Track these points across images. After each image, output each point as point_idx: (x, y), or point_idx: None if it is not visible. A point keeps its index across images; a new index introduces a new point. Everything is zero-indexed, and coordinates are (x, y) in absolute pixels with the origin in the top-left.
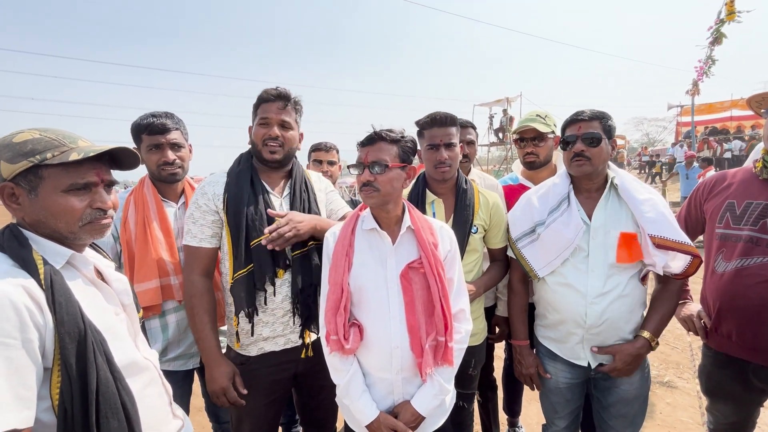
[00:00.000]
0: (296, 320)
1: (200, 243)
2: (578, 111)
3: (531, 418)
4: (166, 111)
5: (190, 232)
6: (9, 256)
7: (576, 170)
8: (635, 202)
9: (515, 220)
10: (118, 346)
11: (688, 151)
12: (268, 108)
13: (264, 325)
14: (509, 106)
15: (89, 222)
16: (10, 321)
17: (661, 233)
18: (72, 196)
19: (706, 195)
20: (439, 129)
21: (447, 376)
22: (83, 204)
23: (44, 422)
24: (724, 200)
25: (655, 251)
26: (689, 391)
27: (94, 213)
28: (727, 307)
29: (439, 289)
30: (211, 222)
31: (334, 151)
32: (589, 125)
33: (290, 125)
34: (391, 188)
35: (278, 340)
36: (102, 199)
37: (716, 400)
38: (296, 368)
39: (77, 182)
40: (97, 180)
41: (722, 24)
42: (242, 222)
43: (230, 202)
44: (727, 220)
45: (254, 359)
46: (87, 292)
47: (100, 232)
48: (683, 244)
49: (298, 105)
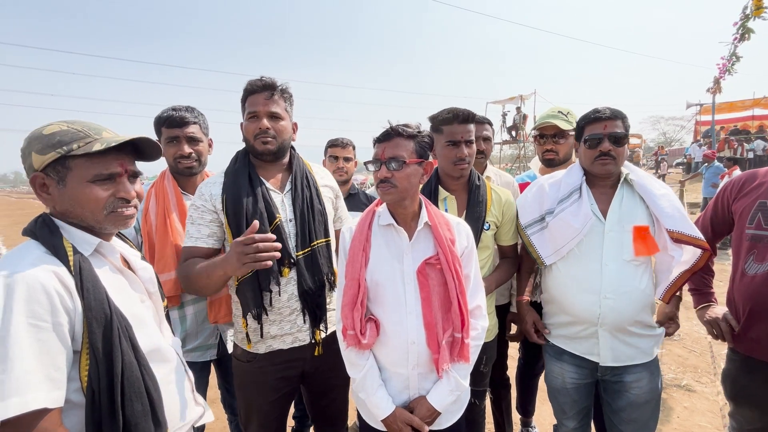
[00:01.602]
0: (305, 319)
1: (195, 242)
2: (597, 109)
3: (544, 418)
4: (188, 105)
5: (188, 233)
6: (41, 243)
7: (600, 169)
8: (653, 197)
9: (525, 205)
10: (143, 332)
11: (707, 150)
12: (255, 100)
13: (271, 323)
14: (523, 103)
15: (112, 211)
16: (41, 305)
17: (678, 228)
18: (97, 186)
19: (735, 194)
20: (459, 125)
21: (463, 372)
22: (107, 193)
23: (75, 402)
24: (755, 200)
25: (672, 246)
26: (708, 395)
27: (118, 202)
28: (758, 309)
29: (456, 285)
30: (209, 221)
31: (350, 148)
32: (614, 124)
33: (280, 115)
34: (408, 184)
35: (286, 339)
36: (125, 189)
37: (741, 405)
38: (304, 366)
39: (102, 173)
40: (121, 170)
41: (747, 19)
42: (242, 222)
43: (229, 202)
44: (758, 221)
45: (261, 357)
46: (114, 280)
47: (124, 222)
48: (697, 238)
49: (286, 93)
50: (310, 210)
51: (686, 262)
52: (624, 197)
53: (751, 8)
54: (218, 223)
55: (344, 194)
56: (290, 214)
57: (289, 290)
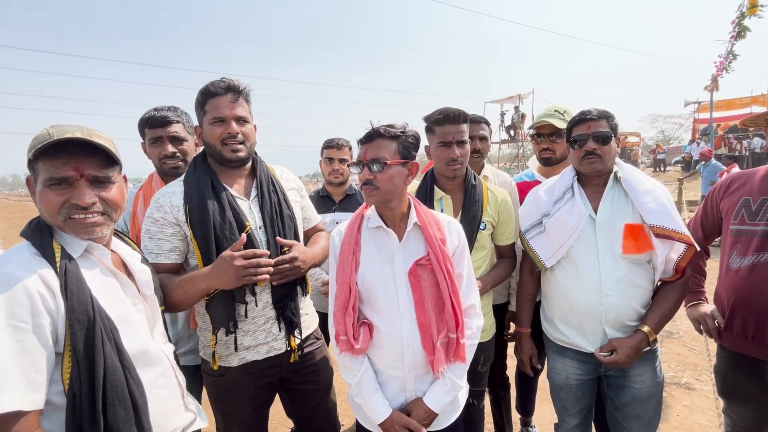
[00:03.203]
0: (280, 327)
1: (157, 259)
2: (584, 110)
3: (544, 417)
4: (171, 105)
5: (146, 249)
6: (32, 244)
7: (587, 168)
8: (636, 194)
9: (524, 213)
10: (131, 336)
11: (705, 148)
12: (219, 104)
13: (244, 334)
14: (521, 102)
15: (69, 217)
16: (23, 306)
17: (660, 223)
18: (50, 190)
19: (722, 194)
20: (451, 126)
21: (459, 372)
22: (60, 198)
23: (57, 404)
24: (740, 197)
25: (656, 241)
26: (707, 393)
27: (72, 209)
28: (741, 303)
29: (449, 285)
30: (170, 235)
31: (346, 149)
32: (598, 124)
33: (247, 119)
34: (391, 186)
35: (260, 349)
36: (78, 194)
37: (732, 402)
38: (281, 373)
39: (53, 176)
40: (75, 174)
41: (743, 18)
42: (210, 233)
43: (194, 213)
44: (742, 217)
45: (235, 369)
46: (104, 282)
47: (84, 230)
48: (680, 233)
49: (248, 96)
50: (279, 216)
51: (675, 260)
52: (615, 195)
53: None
54: (180, 237)
55: (341, 195)
56: (259, 222)
57: (264, 299)
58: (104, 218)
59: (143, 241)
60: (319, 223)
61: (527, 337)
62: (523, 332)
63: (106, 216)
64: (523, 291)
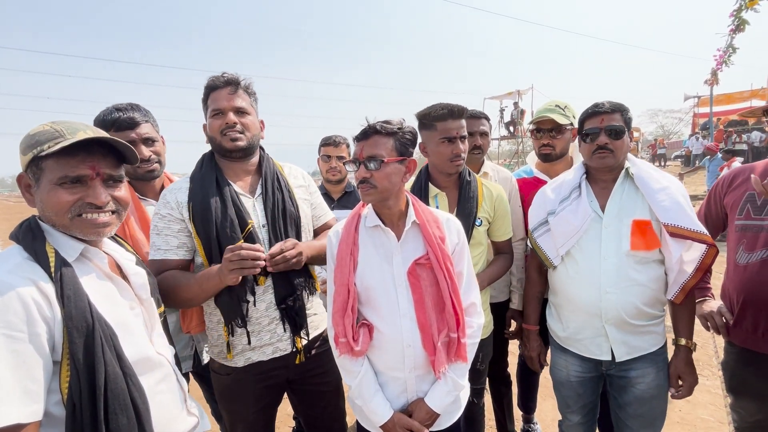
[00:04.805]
0: (285, 327)
1: (165, 255)
2: (598, 103)
3: (546, 414)
4: (130, 103)
5: (154, 245)
6: (24, 248)
7: (598, 162)
8: (651, 191)
9: (532, 211)
10: (130, 341)
11: (708, 143)
12: (218, 96)
13: (249, 334)
14: (520, 98)
15: (78, 215)
16: (17, 315)
17: (675, 221)
18: (62, 189)
19: (726, 189)
20: (454, 121)
21: (460, 372)
22: (74, 197)
23: (55, 416)
24: (744, 192)
25: (670, 240)
26: (709, 388)
27: (85, 207)
28: (751, 299)
29: (449, 284)
30: (177, 231)
31: (344, 146)
32: (612, 117)
33: (246, 110)
34: (388, 184)
35: (266, 349)
36: (94, 193)
37: (741, 398)
38: (288, 374)
39: (68, 175)
40: (91, 173)
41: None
42: (212, 230)
43: (196, 211)
44: (747, 212)
45: (241, 369)
46: (101, 286)
47: (94, 229)
48: (698, 232)
49: (250, 89)
50: (282, 214)
51: (694, 260)
52: (625, 191)
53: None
54: (187, 233)
55: (339, 193)
56: (262, 220)
57: (267, 299)
58: (115, 217)
59: (151, 238)
60: (331, 220)
61: (535, 335)
62: (530, 329)
63: (117, 215)
64: (530, 288)
